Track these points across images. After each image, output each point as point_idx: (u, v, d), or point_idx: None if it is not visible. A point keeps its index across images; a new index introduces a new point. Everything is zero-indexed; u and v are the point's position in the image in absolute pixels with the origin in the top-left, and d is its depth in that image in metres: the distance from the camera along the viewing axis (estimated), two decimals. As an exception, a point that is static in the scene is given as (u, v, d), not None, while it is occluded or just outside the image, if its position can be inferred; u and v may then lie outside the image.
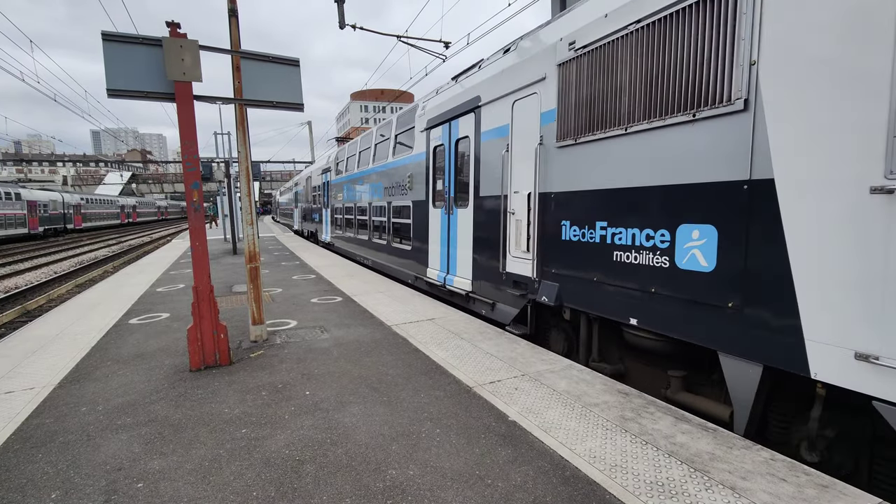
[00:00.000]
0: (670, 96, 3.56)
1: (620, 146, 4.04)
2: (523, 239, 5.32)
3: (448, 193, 7.28)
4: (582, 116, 4.45)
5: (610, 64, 4.11)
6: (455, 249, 7.12)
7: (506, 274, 5.76)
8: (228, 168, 16.89)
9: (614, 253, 4.15)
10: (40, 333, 5.81)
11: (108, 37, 3.97)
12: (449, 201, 7.26)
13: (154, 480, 2.66)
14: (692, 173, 3.42)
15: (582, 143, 4.47)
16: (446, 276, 7.42)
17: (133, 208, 59.87)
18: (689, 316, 3.52)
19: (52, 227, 36.71)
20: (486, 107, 6.10)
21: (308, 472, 2.71)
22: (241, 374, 4.31)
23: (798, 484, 2.49)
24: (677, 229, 3.55)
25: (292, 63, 4.83)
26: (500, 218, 5.76)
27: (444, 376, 4.15)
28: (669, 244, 3.61)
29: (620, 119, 4.02)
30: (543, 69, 4.96)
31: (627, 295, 4.05)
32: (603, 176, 4.25)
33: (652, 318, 3.84)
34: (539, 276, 5.17)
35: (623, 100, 3.98)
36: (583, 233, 4.50)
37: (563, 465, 2.73)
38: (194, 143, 4.26)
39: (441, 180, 7.56)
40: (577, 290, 4.65)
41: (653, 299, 3.81)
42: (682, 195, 3.50)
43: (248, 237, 5.14)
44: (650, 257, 3.79)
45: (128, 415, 3.49)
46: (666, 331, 3.73)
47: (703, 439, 2.98)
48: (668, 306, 3.68)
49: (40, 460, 2.89)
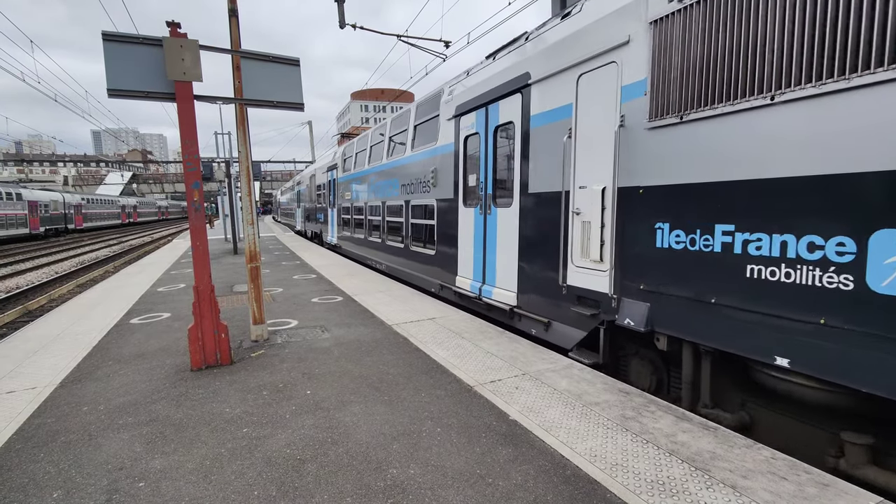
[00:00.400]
0: (863, 45, 2.56)
1: (761, 121, 3.06)
2: (594, 245, 4.35)
3: (484, 190, 6.30)
4: (692, 85, 3.45)
5: (744, 7, 3.11)
6: (494, 256, 6.08)
7: (567, 287, 4.74)
8: (229, 168, 16.90)
9: (748, 267, 3.13)
10: (42, 333, 5.82)
11: (109, 37, 3.98)
12: (485, 199, 6.26)
13: (155, 480, 2.66)
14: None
15: (691, 122, 3.48)
16: (482, 286, 6.40)
17: (134, 208, 59.93)
18: (888, 361, 2.55)
19: (53, 228, 36.76)
20: (537, 85, 5.09)
21: (309, 472, 2.71)
22: (242, 373, 4.32)
23: (799, 482, 2.49)
24: (871, 237, 2.58)
25: (293, 63, 4.83)
26: (560, 219, 4.75)
27: (445, 375, 4.15)
28: (855, 258, 2.66)
29: (762, 84, 3.03)
30: (625, 31, 3.97)
31: (772, 325, 3.03)
32: (727, 163, 3.25)
33: (817, 359, 2.83)
34: (618, 292, 4.15)
35: (767, 56, 2.98)
36: (691, 239, 3.51)
37: (564, 464, 2.74)
38: (195, 143, 4.27)
39: (474, 175, 6.58)
40: (680, 314, 3.63)
41: (820, 333, 2.81)
42: (885, 188, 2.52)
43: (248, 237, 5.14)
44: (817, 275, 2.81)
45: (129, 414, 3.50)
46: (843, 379, 2.72)
47: (704, 438, 2.98)
48: (849, 344, 2.69)
49: (42, 459, 2.89)
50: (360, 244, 12.71)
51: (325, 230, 18.22)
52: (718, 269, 3.33)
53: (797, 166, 2.88)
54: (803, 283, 2.86)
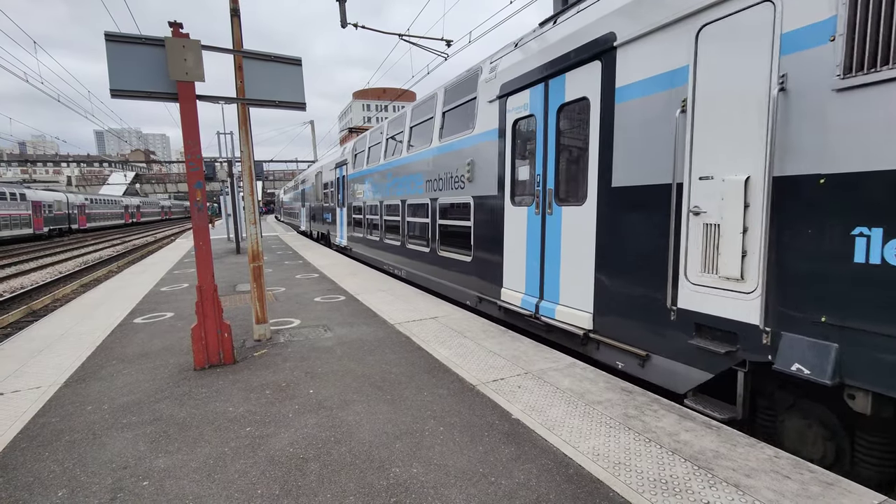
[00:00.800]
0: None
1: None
2: (729, 257, 3.30)
3: (542, 185, 5.24)
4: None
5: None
6: (556, 265, 5.06)
7: (678, 312, 3.68)
8: (231, 168, 16.94)
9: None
10: (46, 333, 5.85)
11: (111, 37, 3.99)
12: (544, 196, 5.22)
13: (159, 478, 2.67)
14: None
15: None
16: (539, 302, 5.33)
17: (137, 208, 60.11)
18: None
19: (56, 228, 36.90)
20: (628, 47, 4.07)
21: (312, 470, 2.72)
22: (245, 372, 4.33)
23: (802, 481, 2.48)
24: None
25: (294, 62, 4.83)
26: (666, 220, 3.73)
27: (448, 374, 4.16)
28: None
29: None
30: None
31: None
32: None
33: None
34: (774, 323, 3.05)
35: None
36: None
37: (567, 462, 2.73)
38: (197, 143, 4.28)
39: (527, 167, 5.57)
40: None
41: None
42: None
43: (251, 236, 5.16)
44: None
45: (133, 413, 3.51)
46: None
47: (707, 437, 2.97)
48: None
49: (47, 458, 2.91)
50: (373, 246, 11.64)
51: (332, 231, 17.13)
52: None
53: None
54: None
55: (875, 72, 2.55)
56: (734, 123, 3.25)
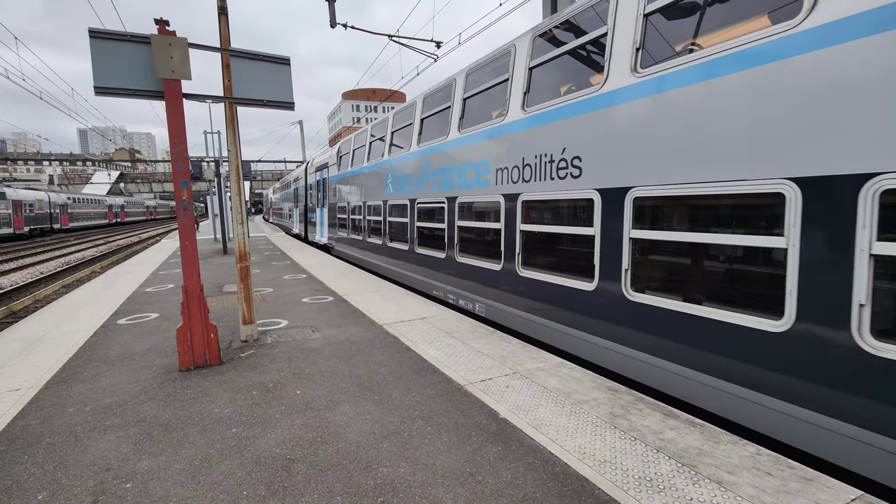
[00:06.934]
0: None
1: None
2: None
3: None
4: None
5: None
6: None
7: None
8: (218, 167, 16.74)
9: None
10: (26, 334, 5.72)
11: (96, 34, 3.93)
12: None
13: (143, 480, 2.64)
14: None
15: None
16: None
17: (121, 208, 59.02)
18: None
19: (38, 227, 36.09)
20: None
21: (299, 471, 2.70)
22: (232, 373, 4.29)
23: (782, 477, 2.53)
24: None
25: (283, 61, 4.81)
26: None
27: (436, 375, 4.16)
28: None
29: None
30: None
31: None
32: None
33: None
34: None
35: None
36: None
37: (553, 461, 2.76)
38: (183, 142, 4.23)
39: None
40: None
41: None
42: None
43: (238, 237, 5.11)
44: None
45: (116, 415, 3.46)
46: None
47: (691, 435, 3.02)
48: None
49: (27, 461, 2.85)
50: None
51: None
52: None
53: None
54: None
55: None
56: None
